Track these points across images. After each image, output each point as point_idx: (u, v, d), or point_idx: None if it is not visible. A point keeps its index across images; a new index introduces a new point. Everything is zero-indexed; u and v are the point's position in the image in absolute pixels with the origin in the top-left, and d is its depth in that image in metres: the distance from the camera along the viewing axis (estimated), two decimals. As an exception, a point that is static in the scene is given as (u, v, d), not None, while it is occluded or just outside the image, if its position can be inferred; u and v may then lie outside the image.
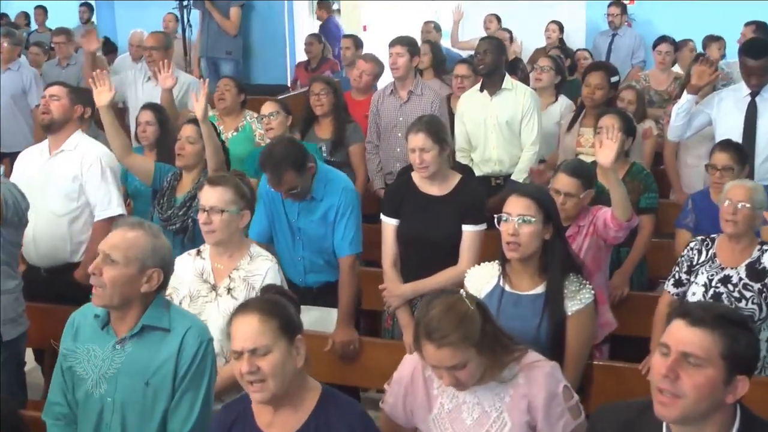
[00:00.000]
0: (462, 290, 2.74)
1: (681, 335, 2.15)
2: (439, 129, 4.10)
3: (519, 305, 3.24)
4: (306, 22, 10.72)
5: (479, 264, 3.49)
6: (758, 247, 3.86)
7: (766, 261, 3.80)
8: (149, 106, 5.49)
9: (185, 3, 8.58)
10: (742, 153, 4.67)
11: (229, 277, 3.55)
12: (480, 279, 3.33)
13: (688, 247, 3.99)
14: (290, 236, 4.35)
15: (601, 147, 3.79)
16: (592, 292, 3.27)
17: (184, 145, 4.68)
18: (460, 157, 5.70)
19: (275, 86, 9.03)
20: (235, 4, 9.19)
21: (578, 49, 8.62)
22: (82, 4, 11.80)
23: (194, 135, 4.65)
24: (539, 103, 5.72)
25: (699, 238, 4.02)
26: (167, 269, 2.91)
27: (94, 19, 11.53)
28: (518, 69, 6.97)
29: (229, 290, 3.53)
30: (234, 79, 6.18)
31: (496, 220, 3.27)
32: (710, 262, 3.90)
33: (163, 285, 2.91)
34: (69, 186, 4.60)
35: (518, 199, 3.26)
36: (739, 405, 2.20)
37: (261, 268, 3.54)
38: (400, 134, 5.69)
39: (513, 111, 5.58)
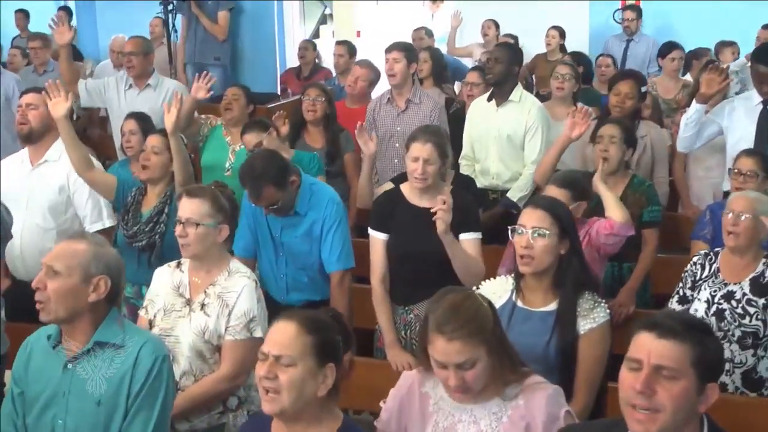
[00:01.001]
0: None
1: (651, 348, 2.16)
2: (444, 143, 4.15)
3: (529, 321, 3.25)
4: (297, 27, 10.74)
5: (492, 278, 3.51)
6: (763, 260, 3.86)
7: None
8: (133, 115, 5.46)
9: (170, 7, 8.58)
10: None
11: (205, 292, 3.54)
12: (492, 293, 3.30)
13: (692, 262, 4.00)
14: (273, 252, 4.34)
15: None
16: (608, 311, 3.27)
17: (149, 156, 4.65)
18: (464, 165, 5.71)
19: (265, 94, 9.02)
20: (224, 7, 9.20)
21: (600, 55, 8.55)
22: (60, 8, 11.77)
23: (159, 145, 4.63)
24: (547, 120, 5.63)
25: (702, 252, 4.03)
26: (116, 277, 2.90)
27: (73, 23, 11.53)
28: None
29: (202, 306, 3.52)
30: (243, 87, 6.09)
31: (510, 232, 3.28)
32: (713, 277, 3.90)
33: (114, 296, 2.91)
34: (55, 198, 4.58)
35: (533, 211, 3.29)
36: (705, 416, 2.24)
37: (237, 286, 3.53)
38: (397, 144, 5.66)
39: (516, 125, 5.53)
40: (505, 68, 5.58)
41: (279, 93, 9.47)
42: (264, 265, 4.34)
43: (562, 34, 9.20)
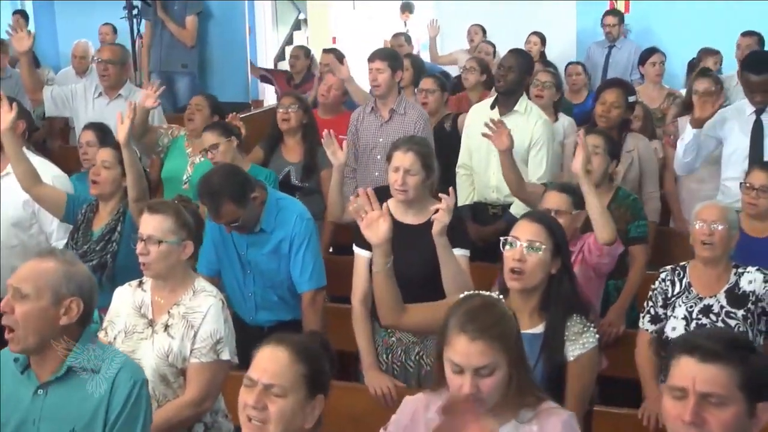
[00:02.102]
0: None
1: (695, 374, 2.13)
2: (429, 154, 4.14)
3: None
4: (269, 33, 10.74)
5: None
6: (734, 271, 3.92)
7: (744, 284, 3.88)
8: (91, 126, 5.47)
9: (135, 11, 8.56)
10: None
11: (168, 312, 3.53)
12: None
13: (660, 279, 4.04)
14: (240, 270, 4.34)
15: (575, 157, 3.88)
16: (597, 336, 3.28)
17: (99, 170, 4.64)
18: (462, 175, 5.72)
19: (235, 104, 9.00)
20: (192, 11, 9.18)
21: (570, 63, 8.61)
22: (15, 12, 11.70)
23: (110, 159, 4.62)
24: (552, 134, 5.64)
25: (669, 267, 4.07)
26: (88, 298, 2.86)
27: (31, 28, 11.47)
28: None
29: (166, 327, 3.51)
30: (208, 97, 6.11)
31: (501, 245, 3.28)
32: (686, 292, 3.95)
33: (86, 318, 2.87)
34: (19, 213, 4.56)
35: (529, 223, 3.30)
36: None
37: (203, 305, 3.52)
38: (378, 156, 5.63)
39: (520, 138, 5.41)
40: (518, 77, 5.58)
41: (250, 102, 9.46)
42: (230, 283, 4.33)
43: (543, 40, 9.25)
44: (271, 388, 2.47)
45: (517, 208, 5.47)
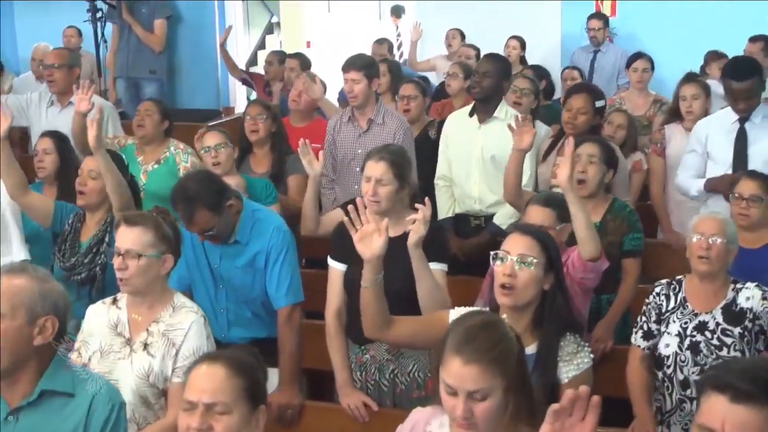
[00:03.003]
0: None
1: (726, 415, 2.06)
2: (403, 163, 4.14)
3: None
4: (241, 37, 10.74)
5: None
6: (732, 286, 3.93)
7: (742, 301, 3.88)
8: (49, 133, 5.46)
9: (99, 14, 8.53)
10: None
11: (147, 330, 3.53)
12: None
13: (654, 293, 4.05)
14: (212, 284, 4.34)
15: (560, 167, 3.87)
16: (591, 356, 3.28)
17: (86, 180, 4.64)
18: (442, 187, 5.73)
19: (205, 111, 9.02)
20: (160, 15, 9.16)
21: (565, 68, 8.64)
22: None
23: (98, 169, 4.61)
24: (536, 140, 5.70)
25: (665, 281, 4.07)
26: (62, 316, 2.83)
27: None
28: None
29: (145, 346, 3.51)
30: (157, 102, 6.09)
31: (491, 259, 3.27)
32: (681, 308, 3.95)
33: (60, 338, 2.84)
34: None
35: (521, 237, 3.29)
36: None
37: (184, 322, 3.52)
38: (358, 169, 5.58)
39: (502, 145, 5.44)
40: (495, 82, 5.61)
41: (221, 109, 9.44)
42: (201, 298, 4.31)
43: (523, 44, 9.28)
44: (214, 406, 2.51)
45: (501, 218, 5.52)
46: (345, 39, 12.18)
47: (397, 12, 12.50)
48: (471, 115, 5.72)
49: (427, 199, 3.73)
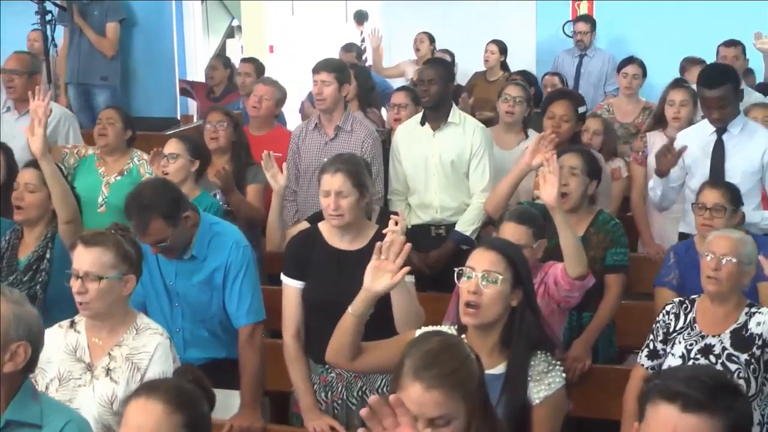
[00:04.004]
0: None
1: (677, 426, 2.10)
2: (359, 171, 4.14)
3: None
4: (200, 42, 10.72)
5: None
6: (746, 310, 3.91)
7: (753, 326, 3.86)
8: None
9: (49, 17, 8.48)
10: (735, 193, 4.73)
11: (109, 355, 3.51)
12: None
13: (664, 311, 4.05)
14: (167, 302, 4.33)
15: (544, 183, 3.86)
16: (563, 375, 3.29)
17: (23, 194, 4.60)
18: (396, 201, 5.76)
19: (162, 119, 8.98)
20: (113, 17, 9.11)
21: (547, 73, 8.69)
22: None
23: (35, 182, 4.59)
24: (491, 142, 5.76)
25: (677, 300, 4.07)
26: (35, 343, 2.81)
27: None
28: (459, 98, 7.04)
29: (108, 371, 3.49)
30: (119, 110, 6.06)
31: (456, 276, 3.28)
32: (689, 328, 3.95)
33: (31, 365, 2.82)
34: None
35: (485, 252, 3.30)
36: None
37: (149, 345, 3.51)
38: (324, 179, 5.65)
39: (460, 149, 5.63)
40: (443, 88, 5.68)
41: (179, 118, 9.41)
42: (156, 317, 4.28)
43: (503, 49, 9.29)
44: None
45: (464, 224, 5.60)
46: (310, 43, 12.20)
47: (359, 18, 12.54)
48: (422, 123, 5.78)
49: (400, 209, 3.74)
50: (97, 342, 3.54)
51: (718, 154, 5.24)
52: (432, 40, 9.63)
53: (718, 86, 5.15)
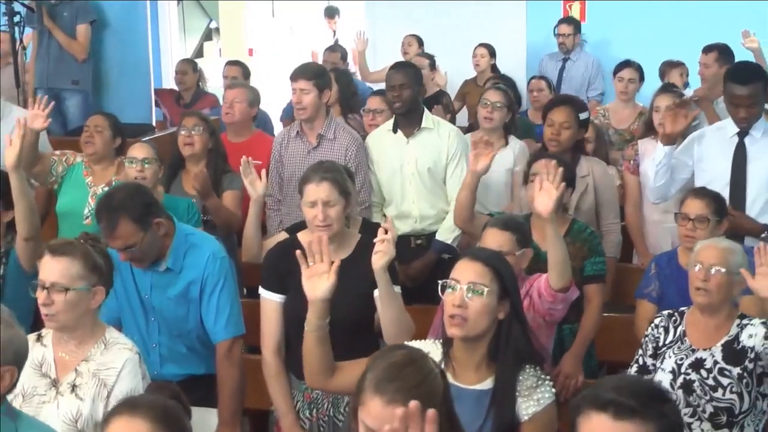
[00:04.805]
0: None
1: None
2: (343, 178, 4.19)
3: (459, 402, 3.11)
4: (176, 44, 10.72)
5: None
6: (737, 321, 3.94)
7: (745, 339, 3.88)
8: None
9: (17, 18, 8.46)
10: (720, 203, 4.77)
11: (76, 370, 3.52)
12: None
13: (653, 325, 4.07)
14: (142, 316, 4.33)
15: (540, 191, 3.89)
16: (553, 390, 3.29)
17: None
18: (373, 213, 5.78)
19: (137, 126, 8.94)
20: (84, 19, 9.10)
21: (532, 78, 8.72)
22: None
23: None
24: (467, 146, 5.76)
25: (665, 313, 4.09)
26: (21, 367, 2.83)
27: None
28: (441, 104, 7.06)
29: (73, 387, 3.50)
30: (108, 116, 6.02)
31: (440, 288, 3.30)
32: (679, 342, 3.98)
33: (12, 389, 2.84)
34: None
35: (471, 263, 3.31)
36: None
37: (116, 361, 3.52)
38: (306, 188, 5.66)
39: (436, 155, 5.68)
40: (414, 92, 5.74)
41: (154, 124, 9.39)
42: (131, 332, 4.29)
43: (492, 52, 9.33)
44: None
45: (444, 232, 5.63)
46: (291, 46, 12.20)
47: (330, 13, 12.47)
48: (395, 131, 5.82)
49: (390, 217, 3.75)
50: (64, 357, 3.55)
51: (740, 158, 5.24)
52: (420, 42, 9.66)
53: (749, 83, 5.16)
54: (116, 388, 3.47)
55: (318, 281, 3.37)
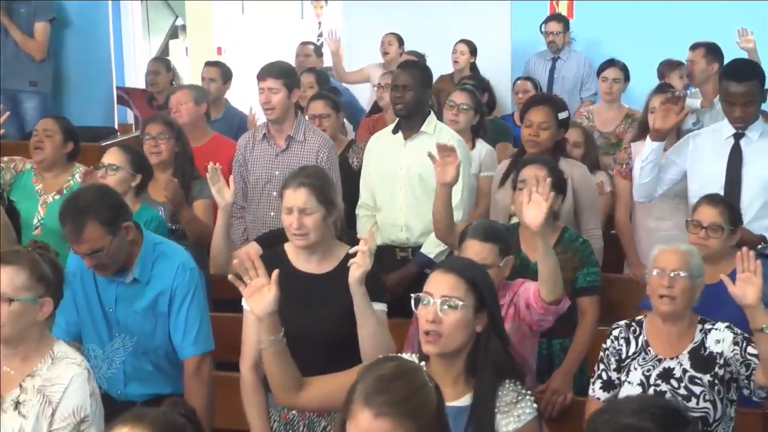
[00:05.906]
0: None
1: None
2: (325, 185, 4.16)
3: None
4: (140, 43, 10.70)
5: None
6: (699, 327, 3.98)
7: (712, 344, 3.94)
8: None
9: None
10: (735, 212, 4.77)
11: (20, 386, 3.50)
12: None
13: (612, 337, 4.10)
14: (106, 331, 4.31)
15: (529, 203, 3.87)
16: (534, 405, 3.28)
17: None
18: (363, 216, 5.79)
19: (98, 129, 8.94)
20: (42, 16, 9.08)
21: (518, 78, 8.73)
22: None
23: None
24: (468, 156, 5.76)
25: (623, 323, 4.12)
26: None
27: None
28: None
29: (17, 404, 3.47)
30: (59, 119, 6.01)
31: (413, 302, 3.29)
32: (642, 353, 4.01)
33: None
34: None
35: (444, 275, 3.30)
36: None
37: (63, 376, 3.49)
38: (275, 193, 5.58)
39: (429, 162, 5.58)
40: (418, 94, 5.69)
41: (117, 127, 9.38)
42: (94, 348, 4.29)
43: (473, 50, 9.35)
44: None
45: (429, 245, 5.58)
46: (262, 44, 12.18)
47: None
48: (395, 132, 5.80)
49: (371, 228, 3.73)
50: (9, 372, 3.52)
51: (735, 160, 5.27)
52: (401, 42, 9.62)
53: (745, 80, 5.19)
54: (61, 405, 3.45)
55: (259, 297, 3.38)
